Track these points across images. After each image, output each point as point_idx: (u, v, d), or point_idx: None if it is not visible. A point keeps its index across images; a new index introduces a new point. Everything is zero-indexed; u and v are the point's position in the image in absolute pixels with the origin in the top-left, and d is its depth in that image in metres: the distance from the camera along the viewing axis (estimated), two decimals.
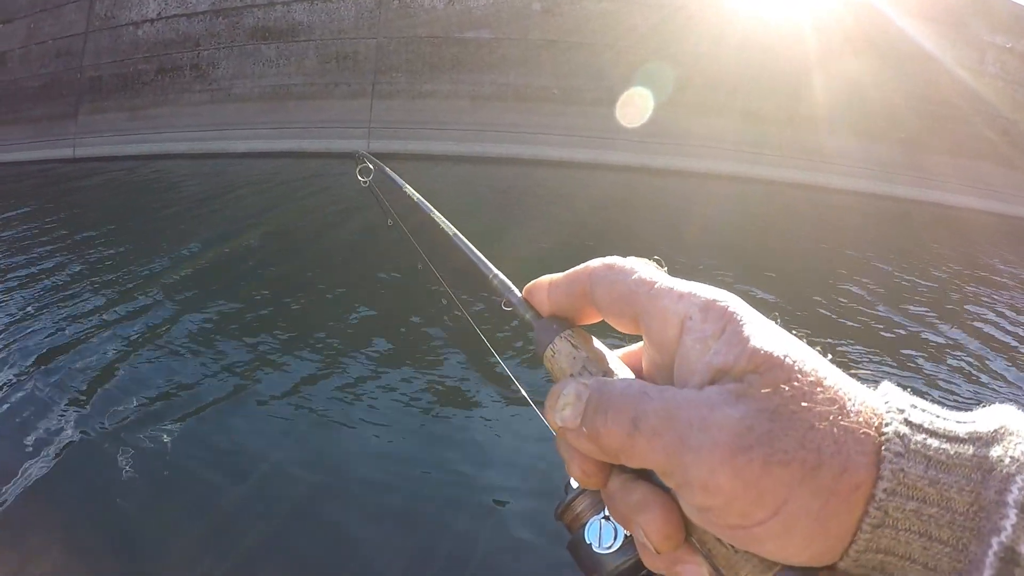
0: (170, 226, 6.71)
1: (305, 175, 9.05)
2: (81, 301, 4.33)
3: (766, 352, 0.28)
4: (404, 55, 10.03)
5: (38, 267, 5.19)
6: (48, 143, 12.44)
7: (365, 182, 0.80)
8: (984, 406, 0.29)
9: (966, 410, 0.29)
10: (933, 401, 0.29)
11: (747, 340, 0.28)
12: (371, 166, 0.78)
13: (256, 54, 10.67)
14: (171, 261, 5.28)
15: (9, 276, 5.00)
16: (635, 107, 9.44)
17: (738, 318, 0.29)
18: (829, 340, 3.84)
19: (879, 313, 4.42)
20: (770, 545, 0.27)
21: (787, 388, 0.27)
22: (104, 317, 4.03)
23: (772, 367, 0.27)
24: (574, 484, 0.37)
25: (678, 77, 9.50)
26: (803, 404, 0.26)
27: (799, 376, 0.27)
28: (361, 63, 10.16)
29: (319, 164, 9.59)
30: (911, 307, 4.60)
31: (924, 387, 3.25)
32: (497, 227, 6.25)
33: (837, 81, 9.80)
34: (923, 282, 5.36)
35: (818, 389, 0.27)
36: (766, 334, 0.29)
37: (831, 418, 0.26)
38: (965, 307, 4.77)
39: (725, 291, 0.31)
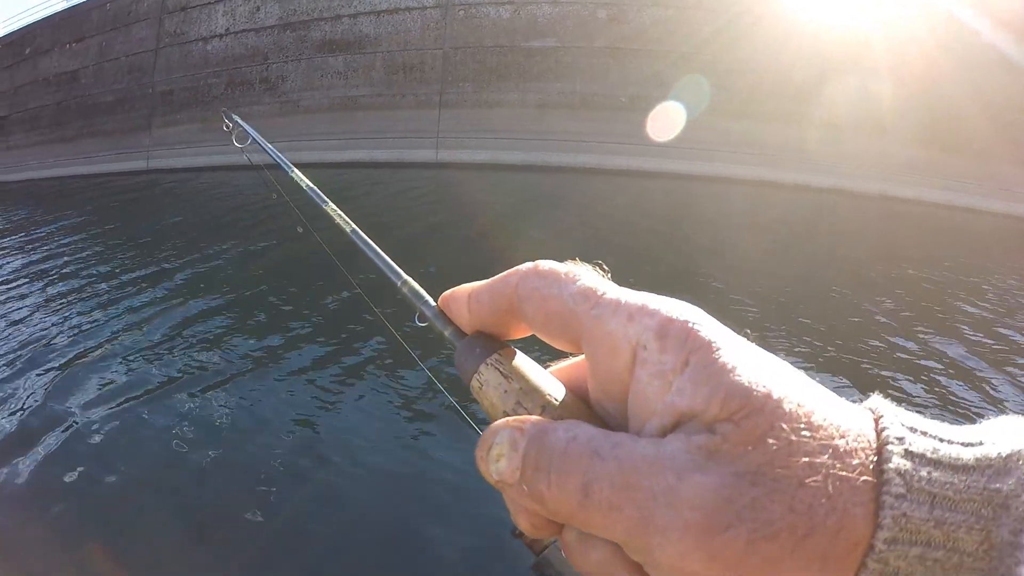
0: (190, 235, 7.03)
1: (355, 182, 9.21)
2: (71, 309, 4.67)
3: (743, 392, 0.23)
4: (471, 65, 10.17)
5: (48, 274, 5.68)
6: (123, 155, 12.96)
7: (249, 160, 0.69)
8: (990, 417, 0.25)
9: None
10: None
11: (717, 375, 0.23)
12: (245, 127, 0.66)
13: (324, 66, 10.96)
14: (187, 266, 5.62)
15: (21, 281, 5.49)
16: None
17: (704, 345, 0.24)
18: (881, 359, 3.72)
19: (939, 333, 4.21)
20: None
21: (772, 442, 0.22)
22: (85, 319, 4.37)
23: (751, 412, 0.22)
24: None
25: (747, 84, 9.44)
26: (791, 459, 0.22)
27: (784, 420, 0.22)
28: (428, 73, 10.34)
29: (380, 174, 9.77)
30: (977, 328, 4.42)
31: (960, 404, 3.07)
32: (560, 234, 6.30)
33: (909, 89, 9.61)
34: (983, 301, 5.16)
35: (806, 434, 0.22)
36: (741, 365, 0.23)
37: (823, 470, 0.22)
38: None
39: (685, 304, 0.26)
